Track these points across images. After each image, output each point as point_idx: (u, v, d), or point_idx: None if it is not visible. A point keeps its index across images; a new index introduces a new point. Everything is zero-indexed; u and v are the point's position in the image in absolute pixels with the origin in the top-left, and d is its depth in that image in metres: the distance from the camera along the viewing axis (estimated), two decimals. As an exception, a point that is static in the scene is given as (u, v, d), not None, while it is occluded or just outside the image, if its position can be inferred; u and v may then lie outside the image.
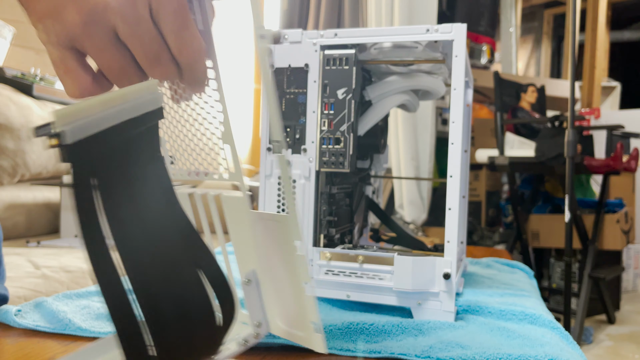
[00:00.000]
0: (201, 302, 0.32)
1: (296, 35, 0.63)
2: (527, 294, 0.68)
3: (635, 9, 4.53)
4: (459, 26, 0.58)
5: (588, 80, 3.73)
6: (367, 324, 0.52)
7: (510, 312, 0.58)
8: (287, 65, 0.63)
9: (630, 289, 2.98)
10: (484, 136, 2.64)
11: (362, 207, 0.81)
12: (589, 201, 2.51)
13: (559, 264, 2.50)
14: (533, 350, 0.46)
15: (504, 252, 1.10)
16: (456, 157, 0.58)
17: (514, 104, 2.48)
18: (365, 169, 0.80)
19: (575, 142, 1.85)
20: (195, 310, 0.32)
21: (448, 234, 0.58)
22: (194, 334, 0.32)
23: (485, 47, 2.95)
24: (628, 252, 2.92)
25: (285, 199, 0.34)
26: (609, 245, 2.29)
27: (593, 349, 2.09)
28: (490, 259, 0.93)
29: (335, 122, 0.62)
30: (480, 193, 2.71)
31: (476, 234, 2.67)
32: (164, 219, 0.31)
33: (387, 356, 0.47)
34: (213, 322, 0.33)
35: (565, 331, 0.54)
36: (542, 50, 4.58)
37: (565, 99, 2.96)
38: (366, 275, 0.61)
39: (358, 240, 0.80)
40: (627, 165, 2.16)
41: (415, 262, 0.58)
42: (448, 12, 2.90)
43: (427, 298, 0.58)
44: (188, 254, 0.32)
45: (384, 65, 0.67)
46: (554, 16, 4.59)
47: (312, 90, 0.63)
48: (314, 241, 0.64)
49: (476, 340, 0.49)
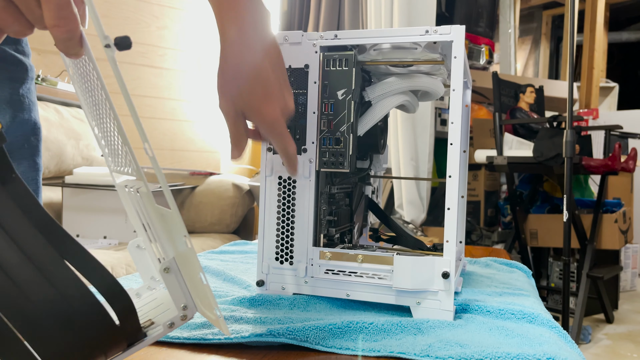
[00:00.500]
0: (84, 302, 0.31)
1: (296, 36, 0.63)
2: (526, 293, 0.69)
3: (633, 10, 4.55)
4: (458, 27, 0.59)
5: (586, 80, 3.74)
6: (367, 322, 0.53)
7: (508, 311, 0.58)
8: (287, 66, 0.64)
9: (628, 289, 2.99)
10: (483, 136, 2.64)
11: (361, 206, 0.81)
12: (587, 201, 2.52)
13: (557, 264, 2.51)
14: (531, 349, 0.46)
15: (503, 251, 1.11)
16: (455, 158, 0.59)
17: (513, 105, 2.49)
18: (365, 169, 0.81)
19: (573, 142, 1.86)
20: (78, 311, 0.31)
21: (447, 233, 0.59)
22: (83, 339, 0.31)
23: (484, 48, 2.96)
24: (626, 252, 2.93)
25: (168, 201, 0.35)
26: (607, 244, 2.30)
27: (591, 348, 2.09)
28: (488, 259, 0.93)
29: (335, 123, 0.63)
30: (479, 193, 2.72)
31: (475, 233, 2.67)
32: (25, 231, 0.30)
33: (387, 355, 0.47)
34: (104, 322, 0.32)
35: (564, 330, 0.55)
36: (540, 51, 4.58)
37: (564, 99, 2.97)
38: (366, 275, 0.62)
39: (358, 239, 0.81)
40: (625, 166, 2.17)
41: (415, 261, 0.58)
42: (447, 14, 2.90)
43: (426, 297, 0.58)
44: (54, 252, 0.31)
45: (384, 66, 0.67)
46: (553, 17, 4.60)
47: (312, 91, 0.63)
48: (314, 241, 0.64)
49: (475, 339, 0.50)
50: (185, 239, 0.35)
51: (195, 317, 0.55)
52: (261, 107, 0.51)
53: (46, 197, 1.85)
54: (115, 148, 0.41)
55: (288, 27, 2.99)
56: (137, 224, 0.47)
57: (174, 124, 2.74)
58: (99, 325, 0.32)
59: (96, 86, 0.39)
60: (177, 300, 0.38)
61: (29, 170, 0.73)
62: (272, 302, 0.62)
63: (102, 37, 0.32)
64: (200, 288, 0.37)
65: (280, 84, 0.53)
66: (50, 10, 0.35)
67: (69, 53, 0.37)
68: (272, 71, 0.52)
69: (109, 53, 0.32)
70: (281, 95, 0.53)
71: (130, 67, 2.58)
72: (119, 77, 0.32)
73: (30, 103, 0.72)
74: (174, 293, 0.38)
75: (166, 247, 0.39)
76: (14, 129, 0.70)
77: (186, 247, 0.36)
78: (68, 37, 0.36)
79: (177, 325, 0.38)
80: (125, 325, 0.34)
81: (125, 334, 0.34)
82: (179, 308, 0.38)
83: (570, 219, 1.86)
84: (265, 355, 0.48)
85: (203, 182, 2.11)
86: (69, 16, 0.36)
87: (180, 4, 2.71)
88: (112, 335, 0.33)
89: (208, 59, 2.80)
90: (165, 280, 0.37)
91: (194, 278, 0.37)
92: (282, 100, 0.53)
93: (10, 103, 0.69)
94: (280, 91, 0.53)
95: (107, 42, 0.32)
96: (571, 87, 1.87)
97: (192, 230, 2.04)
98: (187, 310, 0.38)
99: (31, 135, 0.72)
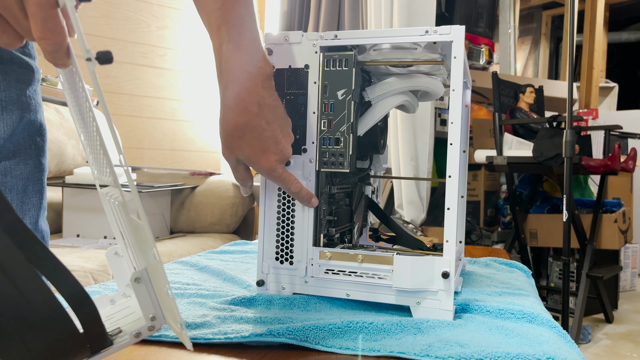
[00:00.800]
0: (48, 308, 0.31)
1: (296, 36, 0.63)
2: (526, 293, 0.69)
3: (633, 10, 4.55)
4: (458, 28, 0.59)
5: (586, 81, 3.74)
6: (367, 322, 0.53)
7: (508, 311, 0.58)
8: (287, 67, 0.64)
9: (627, 288, 2.99)
10: (483, 136, 2.64)
11: (361, 206, 0.82)
12: (587, 201, 2.52)
13: (557, 264, 2.51)
14: (531, 348, 0.46)
15: (503, 251, 1.11)
16: (455, 158, 0.59)
17: (513, 105, 2.49)
18: (364, 169, 0.81)
19: (573, 142, 1.86)
20: (41, 316, 0.31)
21: (447, 233, 0.59)
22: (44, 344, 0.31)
23: (484, 48, 2.96)
24: (626, 252, 2.93)
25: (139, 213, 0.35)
26: (606, 244, 2.30)
27: (591, 347, 2.09)
28: (488, 259, 0.93)
29: (335, 123, 0.63)
30: (478, 193, 2.72)
31: (475, 233, 2.67)
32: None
33: (387, 355, 0.47)
34: (67, 328, 0.32)
35: (563, 330, 0.55)
36: (540, 52, 4.58)
37: (563, 99, 2.97)
38: (366, 275, 0.62)
39: (358, 239, 0.81)
40: (625, 166, 2.17)
41: (415, 261, 0.58)
42: (447, 14, 2.90)
43: (426, 297, 0.58)
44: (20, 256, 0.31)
45: (384, 67, 0.67)
46: (552, 17, 4.60)
47: (312, 91, 0.63)
48: (314, 241, 0.64)
49: (475, 339, 0.50)
50: (154, 251, 0.36)
51: (195, 318, 0.56)
52: (258, 160, 0.58)
53: (47, 197, 1.85)
54: (99, 157, 0.42)
55: (288, 27, 2.99)
56: (116, 231, 0.48)
57: (174, 124, 2.75)
58: (62, 331, 0.32)
59: (82, 96, 0.39)
60: (146, 310, 0.38)
61: (35, 170, 0.74)
62: (272, 302, 0.62)
63: (84, 50, 0.33)
64: (166, 300, 0.37)
65: (275, 137, 0.58)
66: (37, 24, 0.36)
67: (57, 64, 0.38)
68: (268, 126, 0.57)
69: (90, 66, 0.33)
70: (277, 148, 0.59)
71: (130, 67, 2.58)
72: (98, 89, 0.33)
73: (36, 104, 0.73)
74: (143, 303, 0.38)
75: (138, 257, 0.39)
76: (21, 129, 0.70)
77: (155, 259, 0.36)
78: (55, 49, 0.37)
79: (143, 336, 0.38)
80: (89, 332, 0.34)
81: (89, 341, 0.34)
82: (147, 318, 0.38)
83: (570, 219, 1.86)
84: (265, 355, 0.48)
85: (203, 182, 2.11)
86: (55, 29, 0.37)
87: (180, 4, 2.71)
88: (75, 342, 0.33)
89: (208, 59, 2.80)
90: (136, 290, 0.38)
91: (161, 290, 0.37)
92: (277, 151, 0.59)
93: (18, 104, 0.70)
94: (276, 144, 0.58)
95: (89, 55, 0.33)
96: (571, 87, 1.87)
97: (193, 230, 2.04)
98: (155, 321, 0.39)
99: (37, 136, 0.73)
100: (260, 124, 0.57)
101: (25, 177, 0.72)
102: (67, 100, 0.47)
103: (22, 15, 0.37)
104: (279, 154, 0.59)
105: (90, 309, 0.34)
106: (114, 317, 0.42)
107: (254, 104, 0.56)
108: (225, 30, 0.55)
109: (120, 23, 2.53)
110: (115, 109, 2.52)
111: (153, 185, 1.88)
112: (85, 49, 0.33)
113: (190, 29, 2.76)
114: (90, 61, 0.33)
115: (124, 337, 0.38)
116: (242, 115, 0.56)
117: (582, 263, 2.22)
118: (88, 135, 0.43)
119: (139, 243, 0.38)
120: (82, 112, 0.42)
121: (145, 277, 0.38)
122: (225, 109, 0.57)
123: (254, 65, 0.56)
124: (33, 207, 0.74)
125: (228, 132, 0.57)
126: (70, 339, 0.33)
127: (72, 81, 0.42)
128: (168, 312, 0.38)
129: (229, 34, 0.55)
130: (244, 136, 0.57)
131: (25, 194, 0.72)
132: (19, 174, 0.71)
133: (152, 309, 0.38)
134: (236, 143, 0.57)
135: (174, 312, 0.36)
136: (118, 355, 0.47)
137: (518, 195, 2.58)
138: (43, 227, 0.77)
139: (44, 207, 0.76)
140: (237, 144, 0.57)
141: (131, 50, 2.57)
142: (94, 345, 0.35)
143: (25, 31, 0.38)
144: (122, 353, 0.48)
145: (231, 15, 0.55)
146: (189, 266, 0.86)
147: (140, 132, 2.64)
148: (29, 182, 0.73)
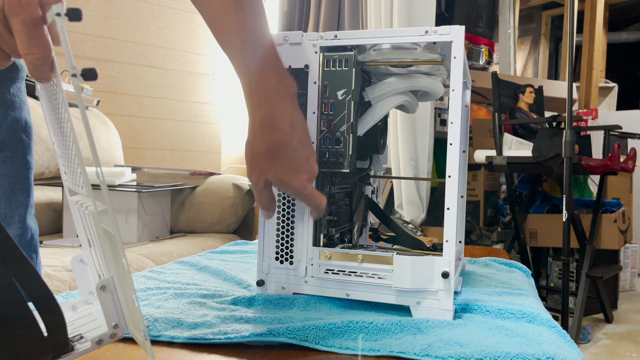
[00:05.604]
0: (15, 308, 0.32)
1: (296, 36, 0.64)
2: (525, 293, 0.69)
3: (632, 10, 4.55)
4: (457, 28, 0.59)
5: (586, 81, 3.74)
6: (367, 322, 0.53)
7: (508, 310, 0.58)
8: (287, 67, 0.64)
9: (627, 288, 2.99)
10: (482, 136, 2.64)
11: (361, 206, 0.82)
12: (586, 201, 2.52)
13: (557, 263, 2.51)
14: (531, 348, 0.46)
15: (502, 251, 1.11)
16: (455, 158, 0.59)
17: (512, 105, 2.49)
18: (364, 169, 0.81)
19: (573, 142, 1.86)
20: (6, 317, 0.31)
21: (446, 233, 0.59)
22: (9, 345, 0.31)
23: (484, 49, 2.96)
24: (625, 252, 2.93)
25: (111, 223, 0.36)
26: (606, 244, 2.30)
27: (590, 347, 2.09)
28: (488, 259, 0.93)
29: (335, 123, 0.63)
30: (478, 193, 2.72)
31: (474, 233, 2.67)
32: None
33: (386, 354, 0.47)
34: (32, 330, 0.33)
35: (563, 330, 0.55)
36: (540, 52, 4.59)
37: (563, 99, 2.97)
38: (365, 274, 0.62)
39: (357, 239, 0.81)
40: (625, 166, 2.17)
41: (414, 261, 0.58)
42: (446, 14, 2.91)
43: (425, 297, 0.59)
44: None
45: (383, 67, 0.68)
46: (552, 17, 4.60)
47: (312, 91, 0.63)
48: (314, 241, 0.64)
49: (474, 339, 0.50)
50: (124, 261, 0.36)
51: (195, 317, 0.56)
52: (291, 180, 0.56)
53: (47, 197, 1.85)
54: (73, 167, 0.42)
55: (288, 27, 2.99)
56: (83, 239, 0.48)
57: (174, 124, 2.75)
58: (26, 333, 0.33)
59: (61, 106, 0.40)
60: (109, 318, 0.39)
61: (22, 168, 0.74)
62: (272, 301, 0.62)
63: (70, 67, 0.33)
64: (132, 309, 0.37)
65: (306, 155, 0.57)
66: (23, 40, 0.37)
67: (41, 78, 0.39)
68: (299, 145, 0.56)
69: (75, 82, 0.34)
70: (307, 166, 0.57)
71: (130, 67, 2.58)
72: (81, 104, 0.34)
73: (20, 102, 0.73)
74: (107, 311, 0.38)
75: (107, 266, 0.40)
76: (6, 127, 0.71)
77: (124, 269, 0.36)
78: (40, 63, 0.38)
79: (105, 343, 0.39)
80: (53, 337, 0.34)
81: (52, 346, 0.34)
82: (110, 326, 0.39)
83: (570, 218, 1.86)
84: (265, 355, 0.48)
85: (203, 182, 2.11)
86: (40, 44, 0.38)
87: (180, 4, 2.71)
88: (39, 345, 0.33)
89: (208, 59, 2.80)
90: (101, 298, 0.38)
91: (128, 299, 0.37)
92: (308, 170, 0.57)
93: (2, 102, 0.70)
94: (306, 162, 0.57)
95: (75, 72, 0.33)
96: (570, 87, 1.87)
97: (193, 230, 2.04)
98: (117, 329, 0.39)
99: (22, 133, 0.73)
100: (292, 143, 0.55)
101: (12, 176, 0.72)
102: (44, 109, 0.48)
103: (8, 33, 0.38)
104: (308, 172, 0.57)
105: (56, 314, 0.34)
106: (74, 324, 0.43)
107: (287, 123, 0.55)
108: (252, 50, 0.54)
109: (120, 23, 2.53)
110: (115, 109, 2.52)
111: (153, 185, 1.88)
112: (71, 65, 0.33)
113: (190, 29, 2.76)
114: (76, 77, 0.34)
115: (84, 343, 0.38)
116: (275, 135, 0.55)
117: (582, 263, 2.22)
118: (64, 144, 0.44)
119: (107, 252, 0.38)
120: (60, 121, 0.43)
121: (111, 285, 0.38)
122: (255, 129, 0.55)
123: (283, 84, 0.55)
124: (21, 206, 0.74)
125: (260, 153, 0.55)
126: (35, 342, 0.33)
127: (51, 91, 0.42)
128: (132, 320, 0.38)
129: (255, 53, 0.54)
130: (276, 156, 0.55)
131: (12, 192, 0.72)
132: (6, 173, 0.71)
133: (115, 316, 0.39)
134: (268, 164, 0.56)
135: (139, 321, 0.37)
136: (118, 355, 0.47)
137: (518, 195, 2.58)
138: (31, 225, 0.77)
139: (31, 205, 0.76)
140: (269, 165, 0.56)
141: (131, 50, 2.57)
142: (55, 349, 0.35)
143: (11, 49, 0.39)
144: (122, 353, 0.48)
145: (253, 34, 0.54)
146: (189, 266, 0.86)
147: (140, 132, 2.64)
148: (16, 181, 0.73)
